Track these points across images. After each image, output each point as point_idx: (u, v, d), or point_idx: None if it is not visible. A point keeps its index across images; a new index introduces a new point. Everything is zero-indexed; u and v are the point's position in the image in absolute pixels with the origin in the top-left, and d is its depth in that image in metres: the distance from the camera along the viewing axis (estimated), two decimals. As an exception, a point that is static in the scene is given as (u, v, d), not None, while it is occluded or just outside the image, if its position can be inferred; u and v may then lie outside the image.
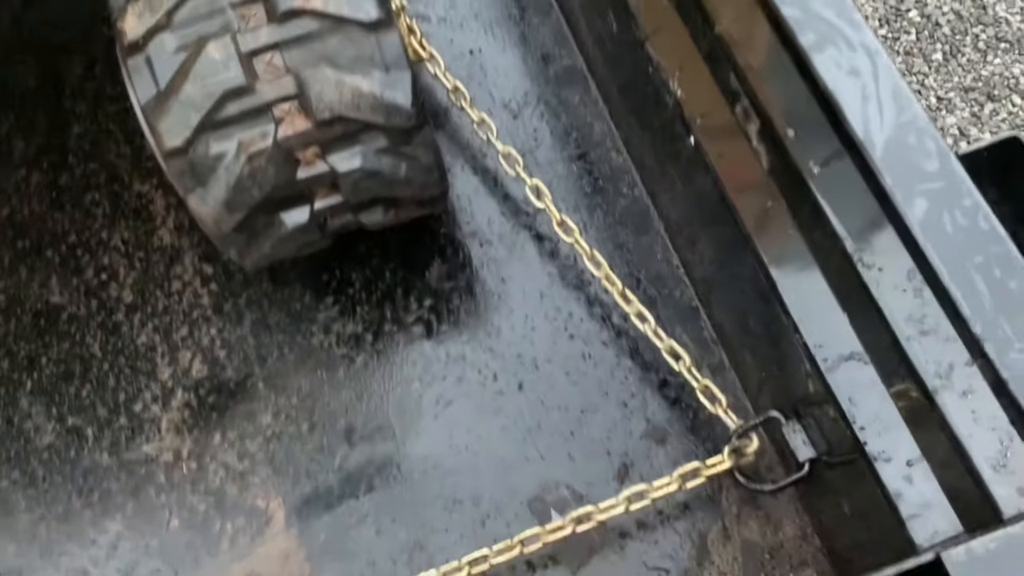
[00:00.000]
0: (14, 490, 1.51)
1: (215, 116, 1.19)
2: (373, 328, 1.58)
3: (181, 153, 1.21)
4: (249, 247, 1.38)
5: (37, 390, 1.59)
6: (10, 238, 1.73)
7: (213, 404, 1.55)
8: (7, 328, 1.64)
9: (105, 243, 1.70)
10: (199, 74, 1.18)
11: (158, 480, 1.50)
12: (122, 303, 1.65)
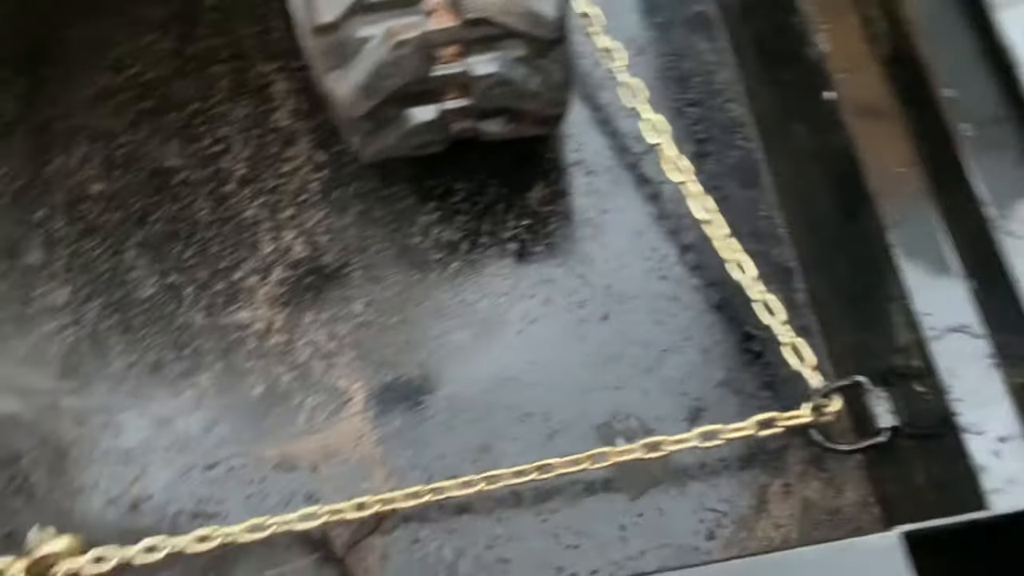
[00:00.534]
0: (111, 334, 1.59)
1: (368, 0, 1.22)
2: (470, 238, 1.62)
3: (331, 30, 1.24)
4: (372, 136, 1.42)
5: (144, 245, 1.66)
6: (135, 97, 1.79)
7: (309, 285, 1.61)
8: (123, 182, 1.71)
9: (224, 116, 1.76)
10: (360, -45, 1.20)
11: (248, 347, 1.56)
12: (234, 176, 1.70)
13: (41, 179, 1.72)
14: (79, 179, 1.72)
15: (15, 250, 1.66)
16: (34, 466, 1.50)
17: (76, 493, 1.48)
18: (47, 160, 1.74)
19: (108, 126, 1.76)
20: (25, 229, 1.68)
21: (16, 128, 1.78)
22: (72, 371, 1.57)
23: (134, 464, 1.49)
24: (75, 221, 1.68)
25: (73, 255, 1.65)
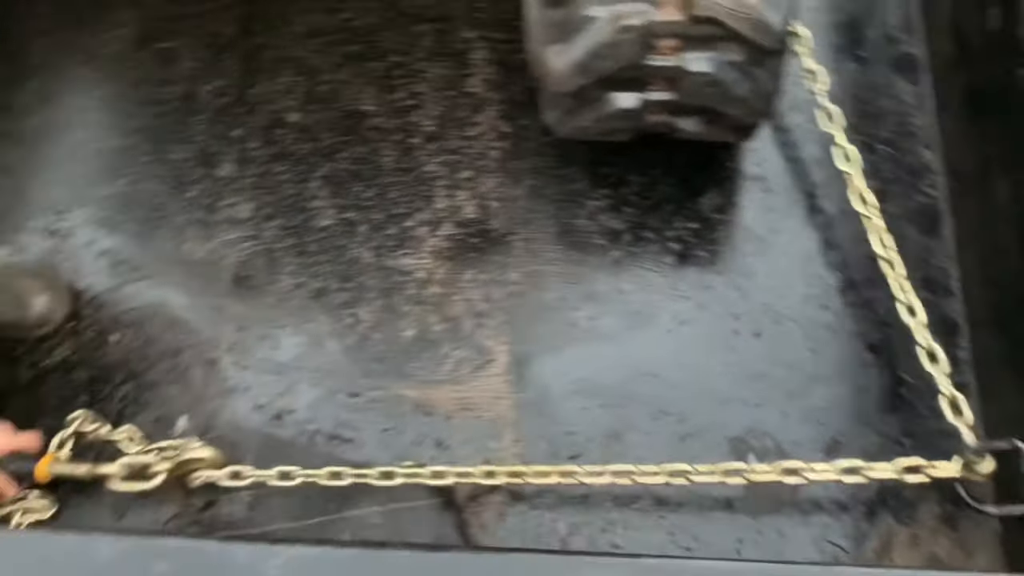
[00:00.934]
0: (285, 254, 1.69)
1: (592, -19, 1.26)
2: (635, 230, 1.64)
3: (560, 4, 1.29)
4: (571, 114, 1.46)
5: (329, 178, 1.75)
6: (342, 40, 1.88)
7: (473, 246, 1.66)
8: (319, 117, 1.81)
9: (422, 73, 1.83)
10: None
11: (407, 291, 1.63)
12: (421, 130, 1.78)
13: (244, 100, 1.84)
14: (279, 106, 1.82)
15: (210, 161, 1.78)
16: (193, 361, 1.61)
17: (227, 393, 1.58)
18: (252, 83, 1.85)
19: (314, 63, 1.86)
20: (223, 144, 1.80)
21: (230, 49, 1.90)
22: (242, 281, 1.67)
23: (284, 378, 1.58)
24: (269, 144, 1.79)
25: (262, 175, 1.76)
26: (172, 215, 1.73)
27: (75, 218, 1.74)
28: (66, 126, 1.84)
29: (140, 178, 1.77)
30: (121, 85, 1.87)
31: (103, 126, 1.83)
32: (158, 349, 1.62)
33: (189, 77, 1.87)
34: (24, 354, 1.63)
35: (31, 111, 1.86)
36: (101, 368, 1.61)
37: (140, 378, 1.60)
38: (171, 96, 1.84)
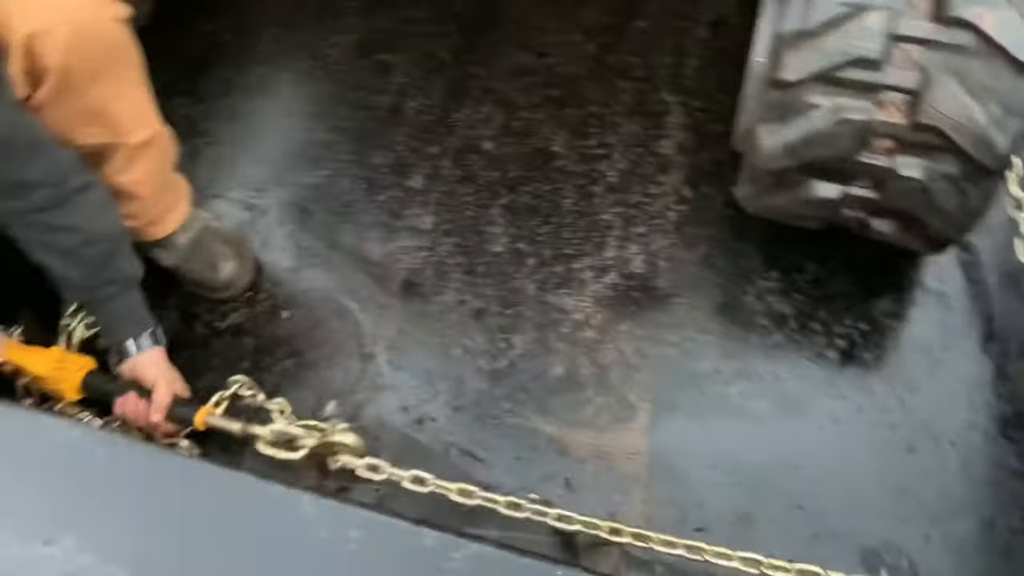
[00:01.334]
0: (455, 270, 1.76)
1: (835, 73, 1.28)
2: (802, 319, 1.64)
3: (786, 87, 1.31)
4: (766, 192, 1.48)
5: (509, 207, 1.82)
6: (546, 82, 1.97)
7: (635, 300, 1.69)
8: (510, 150, 1.89)
9: (616, 126, 1.89)
10: (847, 32, 1.27)
11: (562, 329, 1.67)
12: (605, 180, 1.83)
13: (445, 122, 1.94)
14: (475, 133, 1.92)
15: (404, 171, 1.88)
16: (352, 352, 1.69)
17: (377, 389, 1.64)
18: (455, 108, 1.96)
19: (515, 99, 1.95)
20: (418, 158, 1.90)
21: (441, 72, 2.01)
22: (411, 287, 1.75)
23: (432, 387, 1.63)
24: (460, 166, 1.88)
25: (448, 194, 1.85)
26: (359, 213, 1.84)
27: (272, 198, 1.87)
28: (280, 113, 1.99)
29: (337, 174, 1.89)
30: (337, 86, 2.00)
31: (313, 120, 1.96)
32: (323, 334, 1.71)
33: (399, 91, 1.99)
34: (202, 313, 1.75)
35: (252, 94, 2.02)
36: (268, 340, 1.71)
37: (301, 357, 1.69)
38: (380, 105, 1.97)
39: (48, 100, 1.29)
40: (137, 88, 1.41)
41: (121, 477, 0.81)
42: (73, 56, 1.25)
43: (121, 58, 1.34)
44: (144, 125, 1.45)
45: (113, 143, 1.42)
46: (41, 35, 1.22)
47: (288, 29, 2.10)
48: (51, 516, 0.79)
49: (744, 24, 1.99)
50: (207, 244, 1.71)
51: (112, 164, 1.46)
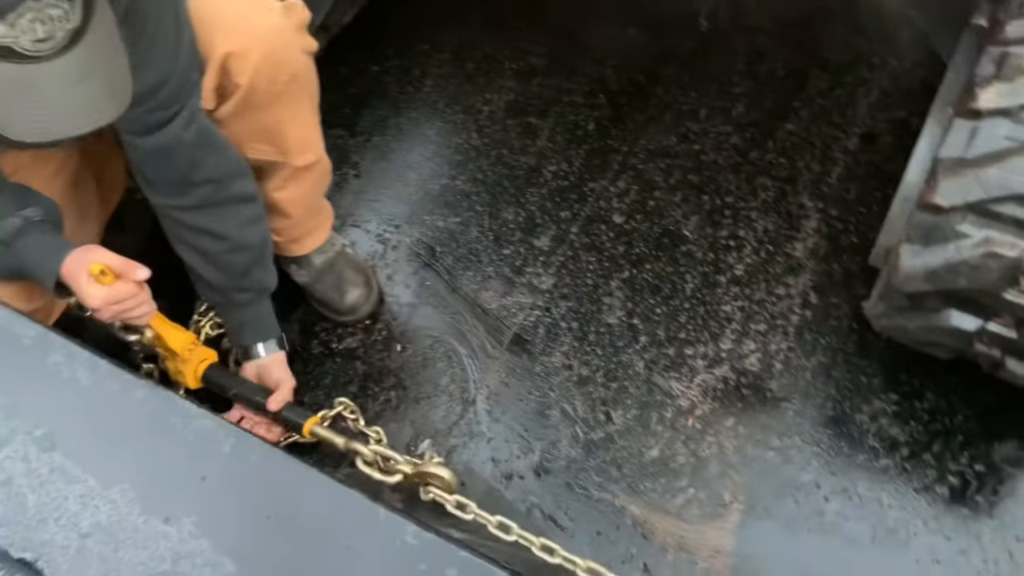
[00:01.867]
0: (565, 334, 1.78)
1: (991, 206, 1.26)
2: (914, 447, 1.58)
3: (937, 211, 1.30)
4: (898, 313, 1.45)
5: (629, 282, 1.84)
6: (687, 167, 1.99)
7: (744, 397, 1.67)
8: (640, 226, 1.91)
9: (750, 221, 1.89)
10: (1009, 166, 1.25)
11: (664, 413, 1.66)
12: (731, 272, 1.83)
13: (580, 189, 1.99)
14: (608, 205, 1.95)
15: (532, 230, 1.93)
16: (455, 395, 1.72)
17: (473, 436, 1.67)
18: (592, 178, 2.00)
19: (653, 178, 1.99)
20: (548, 220, 1.94)
21: (584, 142, 2.07)
22: (521, 342, 1.77)
23: (526, 444, 1.65)
24: (587, 234, 1.91)
25: (572, 258, 1.88)
26: (483, 263, 1.89)
27: (404, 234, 1.95)
28: (426, 157, 2.08)
29: (469, 222, 1.95)
30: (483, 140, 2.08)
31: (456, 168, 2.04)
32: (429, 372, 1.75)
33: (540, 153, 2.05)
34: (321, 332, 1.83)
35: (403, 136, 2.12)
36: (377, 369, 1.77)
37: (405, 391, 1.73)
38: (520, 164, 2.03)
39: (230, 114, 1.39)
40: (310, 115, 1.51)
41: (244, 472, 0.85)
42: (261, 78, 1.35)
43: (302, 86, 1.44)
44: (310, 150, 1.55)
45: (279, 162, 1.52)
46: (236, 56, 1.33)
47: (448, 81, 2.20)
48: (175, 496, 0.84)
49: (895, 142, 1.99)
50: (339, 268, 1.79)
51: (272, 180, 1.56)
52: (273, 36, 1.35)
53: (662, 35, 2.23)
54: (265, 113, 1.41)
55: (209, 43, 1.31)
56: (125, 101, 1.05)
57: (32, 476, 0.86)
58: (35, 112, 0.98)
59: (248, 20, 1.32)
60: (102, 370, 0.92)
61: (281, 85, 1.38)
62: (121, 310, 1.32)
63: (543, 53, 2.25)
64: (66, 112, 0.99)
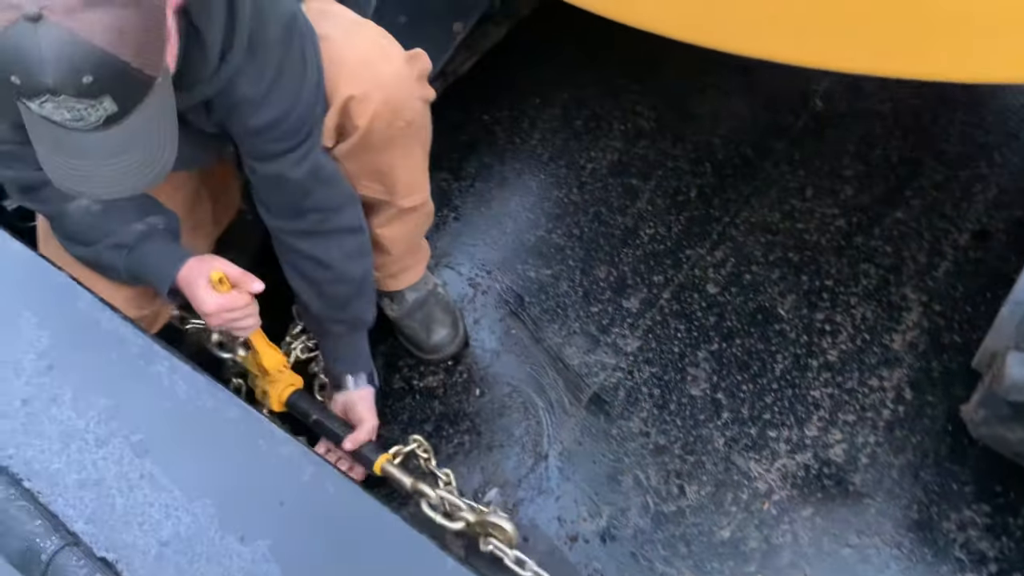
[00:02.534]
0: (644, 399, 1.76)
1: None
2: (1003, 564, 1.49)
3: None
4: (999, 422, 1.38)
5: (717, 355, 1.81)
6: (789, 244, 1.96)
7: (824, 488, 1.61)
8: (733, 300, 1.88)
9: (849, 307, 1.84)
10: None
11: (740, 494, 1.62)
12: (824, 357, 1.78)
13: (676, 255, 1.97)
14: (702, 274, 1.93)
15: (623, 291, 1.92)
16: (528, 447, 1.72)
17: (541, 492, 1.66)
18: (689, 245, 1.99)
19: (752, 252, 1.96)
20: (640, 282, 1.94)
21: (685, 208, 2.06)
22: (599, 403, 1.76)
23: (593, 508, 1.62)
24: (678, 301, 1.90)
25: (660, 324, 1.87)
26: (570, 318, 1.89)
27: (495, 281, 1.97)
28: (525, 208, 2.10)
29: (560, 276, 1.96)
30: (583, 197, 2.10)
31: (553, 221, 2.06)
32: (505, 421, 1.76)
33: (639, 215, 2.05)
34: (404, 367, 1.86)
35: (506, 185, 2.15)
36: (454, 411, 1.78)
37: (479, 437, 1.74)
38: (618, 224, 2.04)
39: (346, 153, 1.45)
40: (420, 160, 1.56)
41: (320, 502, 0.87)
42: (379, 122, 1.40)
43: (416, 132, 1.49)
44: (416, 192, 1.59)
45: (386, 201, 1.57)
46: (358, 99, 1.38)
47: (555, 135, 2.23)
48: (253, 517, 0.86)
49: (1009, 242, 1.91)
50: (429, 307, 1.82)
51: (378, 217, 1.61)
52: (394, 83, 1.40)
53: (775, 110, 2.22)
54: (379, 155, 1.46)
55: (334, 85, 1.36)
56: (163, 173, 1.06)
57: (123, 479, 0.90)
58: (71, 169, 1.00)
59: (372, 67, 1.38)
60: (199, 385, 0.96)
61: (397, 130, 1.43)
62: (231, 318, 1.38)
63: (652, 116, 2.26)
64: (100, 177, 1.01)
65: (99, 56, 0.89)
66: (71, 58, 0.88)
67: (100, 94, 0.91)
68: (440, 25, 2.14)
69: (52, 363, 0.98)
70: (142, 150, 1.02)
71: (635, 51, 2.27)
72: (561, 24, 1.84)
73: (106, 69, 0.90)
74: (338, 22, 1.44)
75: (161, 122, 1.03)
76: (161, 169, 1.05)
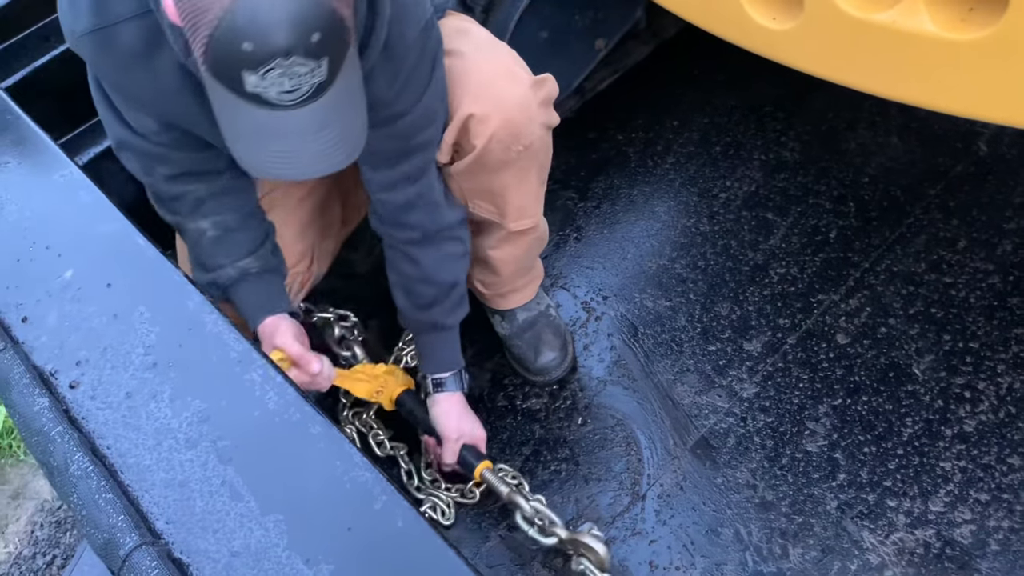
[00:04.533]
0: (756, 449, 1.66)
1: None
2: None
3: None
4: None
5: (839, 411, 1.69)
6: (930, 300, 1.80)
7: (946, 570, 1.47)
8: (864, 352, 1.75)
9: (995, 375, 1.68)
10: None
11: (849, 564, 1.50)
12: (959, 424, 1.62)
13: (807, 299, 1.86)
14: (833, 322, 1.81)
15: (746, 332, 1.83)
16: (625, 484, 1.66)
17: (636, 533, 1.60)
18: (823, 289, 1.86)
19: (891, 303, 1.82)
20: (765, 324, 1.83)
21: (820, 249, 1.93)
22: (706, 447, 1.68)
23: (687, 558, 1.55)
24: (804, 348, 1.78)
25: (781, 371, 1.76)
26: (685, 355, 1.82)
27: (611, 307, 1.92)
28: (650, 234, 2.04)
29: (679, 308, 1.89)
30: (713, 228, 2.01)
31: (678, 250, 1.99)
32: (605, 455, 1.71)
33: (771, 253, 1.95)
34: (510, 386, 1.84)
35: (632, 208, 2.10)
36: (554, 437, 1.75)
37: (577, 467, 1.70)
38: (747, 259, 1.94)
39: (460, 172, 1.44)
40: (535, 185, 1.53)
41: (387, 534, 0.86)
42: (496, 144, 1.38)
43: (533, 157, 1.46)
44: (528, 217, 1.56)
45: (496, 223, 1.55)
46: (478, 119, 1.37)
47: (690, 161, 2.16)
48: (320, 540, 0.86)
49: None
50: (539, 328, 1.80)
51: (488, 238, 1.59)
52: (516, 107, 1.37)
53: (932, 151, 2.06)
54: (493, 176, 1.44)
55: (458, 101, 1.36)
56: (355, 152, 1.09)
57: (205, 483, 0.91)
58: (271, 155, 1.03)
59: (496, 88, 1.36)
60: (288, 398, 0.97)
61: (514, 153, 1.41)
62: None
63: (796, 148, 2.14)
64: (299, 158, 1.03)
65: (327, 11, 0.92)
66: (304, 15, 0.90)
67: (321, 55, 0.94)
68: (582, 41, 2.11)
69: (157, 360, 1.02)
70: (340, 123, 1.04)
71: (785, 78, 2.15)
72: (707, 46, 1.76)
73: (329, 25, 0.93)
74: (473, 40, 1.43)
75: (355, 93, 1.06)
76: (356, 141, 1.08)
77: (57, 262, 1.16)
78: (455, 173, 1.44)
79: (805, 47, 1.35)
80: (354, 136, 1.08)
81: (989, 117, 1.19)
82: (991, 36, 1.09)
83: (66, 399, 1.00)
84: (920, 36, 1.17)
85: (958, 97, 1.19)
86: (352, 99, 1.06)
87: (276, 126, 1.00)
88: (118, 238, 1.17)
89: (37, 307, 1.12)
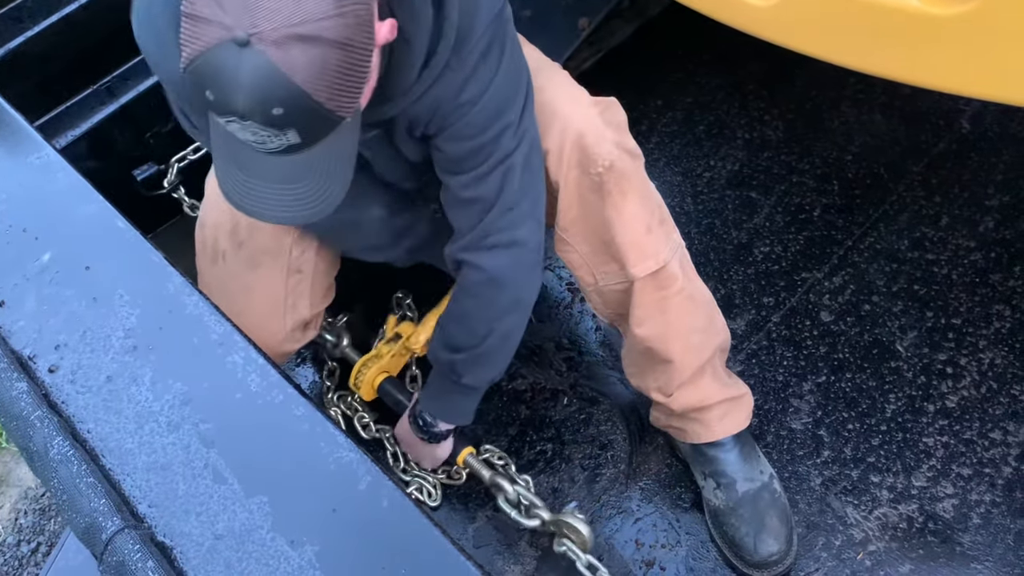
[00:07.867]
0: (741, 427, 1.67)
1: None
2: None
3: None
4: None
5: (824, 387, 1.69)
6: (914, 277, 1.81)
7: (929, 544, 1.49)
8: (849, 329, 1.76)
9: (976, 350, 1.69)
10: None
11: (833, 539, 1.52)
12: (942, 400, 1.64)
13: (791, 277, 1.86)
14: (817, 300, 1.82)
15: (729, 309, 1.82)
16: (608, 462, 1.67)
17: (623, 512, 1.60)
18: (806, 268, 1.87)
19: (874, 280, 1.82)
20: (749, 302, 1.84)
21: (804, 227, 1.93)
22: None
23: (673, 536, 1.56)
24: (788, 326, 1.79)
25: (766, 349, 1.77)
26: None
27: (597, 288, 1.92)
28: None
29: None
30: (696, 207, 2.01)
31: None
32: (592, 433, 1.71)
33: (755, 231, 1.95)
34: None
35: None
36: (539, 416, 1.75)
37: (563, 445, 1.70)
38: (731, 238, 1.94)
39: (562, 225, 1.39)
40: (641, 216, 1.38)
41: (372, 514, 0.86)
42: (573, 171, 1.33)
43: (625, 183, 1.36)
44: (649, 257, 1.39)
45: (622, 282, 1.42)
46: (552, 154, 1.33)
47: (674, 140, 2.15)
48: (305, 521, 0.85)
49: None
50: (762, 507, 1.51)
51: (629, 313, 1.44)
52: (580, 125, 1.32)
53: (915, 128, 2.06)
54: (590, 215, 1.36)
55: None
56: (328, 208, 1.02)
57: (188, 466, 0.91)
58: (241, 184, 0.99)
59: (559, 117, 1.32)
60: (271, 380, 0.96)
61: (596, 177, 1.33)
62: None
63: (780, 126, 2.14)
64: (267, 200, 0.99)
65: (294, 92, 0.88)
66: (266, 89, 0.87)
67: (286, 126, 0.90)
68: (566, 19, 2.09)
69: (137, 343, 1.01)
70: (314, 181, 0.99)
71: (768, 56, 2.15)
72: (691, 26, 1.76)
73: (298, 105, 0.89)
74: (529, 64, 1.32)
75: (340, 158, 1.01)
76: (327, 204, 1.02)
77: (34, 245, 1.15)
78: (562, 233, 1.39)
79: (789, 23, 1.34)
80: (329, 196, 1.01)
81: (971, 92, 1.19)
82: (973, 10, 1.09)
83: (45, 383, 0.99)
84: (903, 10, 1.16)
85: (941, 72, 1.18)
86: (336, 161, 1.00)
87: (247, 161, 0.96)
88: (97, 220, 1.16)
89: (14, 291, 1.10)
